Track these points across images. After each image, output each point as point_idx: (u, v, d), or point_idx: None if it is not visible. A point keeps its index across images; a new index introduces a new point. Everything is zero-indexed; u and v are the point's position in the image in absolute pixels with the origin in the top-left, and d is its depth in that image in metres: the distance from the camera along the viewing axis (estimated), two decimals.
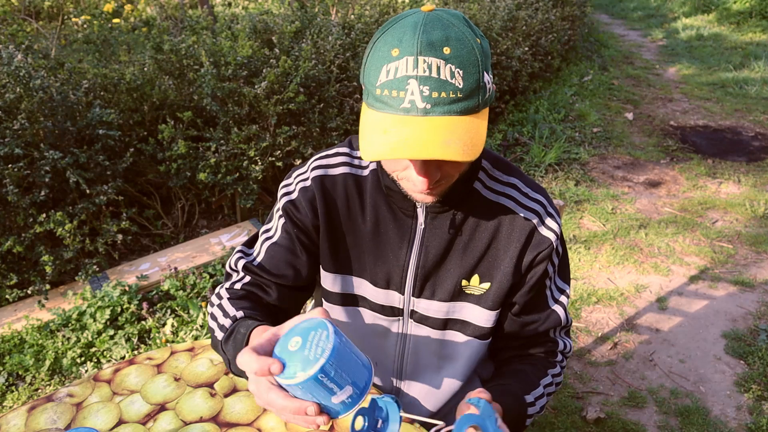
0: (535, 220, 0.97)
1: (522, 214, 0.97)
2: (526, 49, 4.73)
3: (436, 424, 0.76)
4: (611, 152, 4.38)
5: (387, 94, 0.77)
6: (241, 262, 1.03)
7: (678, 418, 2.08)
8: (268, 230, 1.06)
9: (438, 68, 0.74)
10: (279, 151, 3.03)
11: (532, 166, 4.04)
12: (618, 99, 5.51)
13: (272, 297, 1.01)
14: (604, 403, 2.16)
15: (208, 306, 1.02)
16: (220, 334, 0.93)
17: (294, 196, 1.01)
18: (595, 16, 9.33)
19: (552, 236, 0.97)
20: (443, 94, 0.75)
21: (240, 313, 0.94)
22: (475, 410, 0.75)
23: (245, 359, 0.68)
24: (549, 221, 0.97)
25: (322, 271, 1.04)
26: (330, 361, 0.63)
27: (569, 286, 1.06)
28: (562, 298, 1.04)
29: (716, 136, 4.66)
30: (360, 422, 0.75)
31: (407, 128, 0.75)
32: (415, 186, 0.84)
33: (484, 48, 0.79)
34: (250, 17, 3.54)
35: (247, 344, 0.84)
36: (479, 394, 0.78)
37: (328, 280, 1.04)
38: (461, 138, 0.75)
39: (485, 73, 0.79)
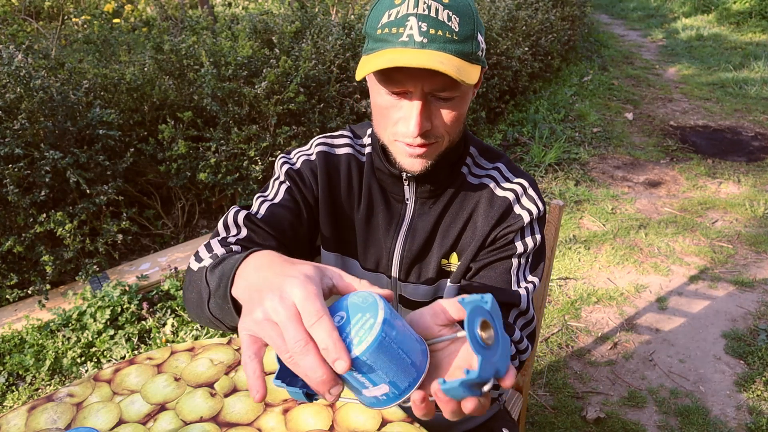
0: (512, 198, 0.97)
1: (501, 194, 0.98)
2: (526, 49, 4.73)
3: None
4: (611, 152, 4.39)
5: (387, 31, 0.80)
6: (242, 215, 0.93)
7: (678, 418, 2.08)
8: (265, 195, 0.99)
9: (437, 10, 0.79)
10: (279, 151, 3.03)
11: (532, 166, 4.04)
12: (618, 99, 5.51)
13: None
14: (604, 403, 2.16)
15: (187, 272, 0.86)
16: (204, 263, 0.80)
17: (297, 166, 1.01)
18: (595, 16, 9.34)
19: (525, 214, 0.96)
20: (440, 32, 0.79)
21: (237, 247, 0.85)
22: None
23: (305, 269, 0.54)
24: (526, 201, 0.97)
25: (322, 251, 1.04)
26: (365, 355, 0.51)
27: (539, 279, 1.00)
28: (528, 286, 0.97)
29: (716, 136, 4.66)
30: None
31: (403, 54, 0.78)
32: (407, 130, 0.84)
33: (476, 10, 0.85)
34: (250, 17, 3.54)
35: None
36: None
37: (329, 260, 1.05)
38: (455, 65, 0.78)
39: (479, 32, 0.83)
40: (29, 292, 2.47)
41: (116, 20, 5.00)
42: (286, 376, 0.59)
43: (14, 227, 2.48)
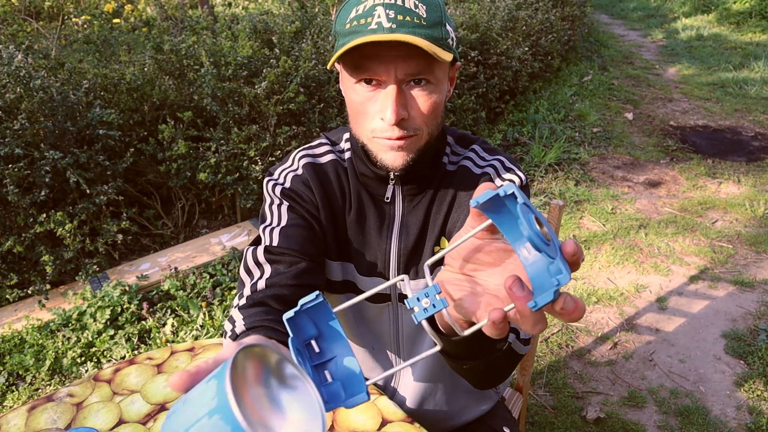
0: (492, 173, 0.98)
1: (479, 171, 0.99)
2: (526, 49, 4.73)
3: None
4: (611, 152, 4.38)
5: (355, 24, 0.81)
6: (261, 251, 0.91)
7: (678, 418, 2.08)
8: (269, 224, 0.97)
9: None
10: (279, 151, 3.03)
11: (532, 166, 4.04)
12: (618, 99, 5.51)
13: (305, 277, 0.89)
14: (604, 403, 2.16)
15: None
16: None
17: (288, 184, 1.00)
18: (595, 16, 9.33)
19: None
20: (408, 18, 0.80)
21: (242, 327, 0.81)
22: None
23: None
24: (506, 174, 0.98)
25: (327, 262, 1.04)
26: None
27: None
28: None
29: (716, 136, 4.66)
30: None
31: (373, 36, 0.78)
32: (384, 120, 0.84)
33: (443, 2, 0.87)
34: (250, 17, 3.54)
35: None
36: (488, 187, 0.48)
37: (334, 270, 1.04)
38: (425, 44, 0.78)
39: (447, 23, 0.85)
40: (29, 292, 2.47)
41: (116, 20, 5.00)
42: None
43: (14, 227, 2.48)
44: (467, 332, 0.50)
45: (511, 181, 0.96)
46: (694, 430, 2.03)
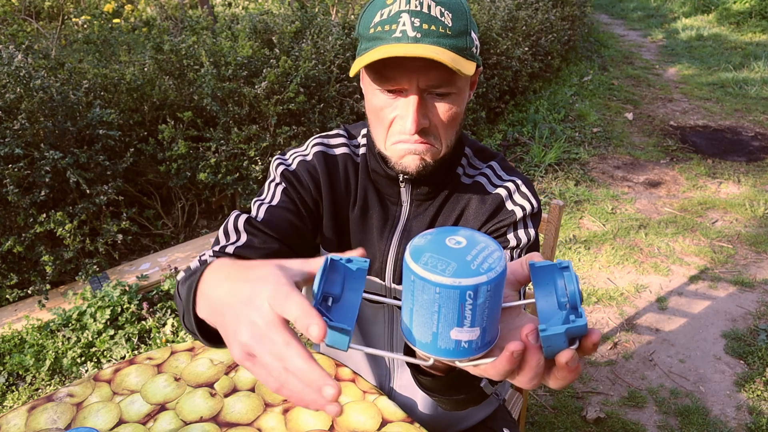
0: (504, 195, 0.97)
1: (493, 191, 0.98)
2: (526, 49, 4.73)
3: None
4: (611, 152, 4.39)
5: (380, 30, 0.80)
6: (243, 219, 0.92)
7: (678, 418, 2.08)
8: (262, 198, 0.98)
9: (429, 6, 0.79)
10: (279, 151, 3.03)
11: (532, 166, 4.04)
12: (618, 99, 5.51)
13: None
14: (604, 403, 2.16)
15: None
16: (179, 275, 0.80)
17: (293, 167, 0.99)
18: (595, 16, 9.34)
19: (518, 210, 0.95)
20: (433, 27, 0.78)
21: (212, 258, 0.83)
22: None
23: (266, 282, 0.49)
24: (518, 198, 0.97)
25: (321, 249, 1.03)
26: (489, 286, 0.46)
27: None
28: None
29: (716, 136, 4.66)
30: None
31: (396, 48, 0.78)
32: (404, 127, 0.83)
33: (468, 8, 0.85)
34: (250, 17, 3.54)
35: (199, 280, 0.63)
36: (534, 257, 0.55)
37: None
38: (449, 57, 0.78)
39: (472, 29, 0.83)
40: (29, 292, 2.47)
41: (116, 20, 4.99)
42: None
43: (14, 227, 2.48)
44: (465, 365, 0.51)
45: (521, 206, 0.95)
46: (694, 430, 2.04)
